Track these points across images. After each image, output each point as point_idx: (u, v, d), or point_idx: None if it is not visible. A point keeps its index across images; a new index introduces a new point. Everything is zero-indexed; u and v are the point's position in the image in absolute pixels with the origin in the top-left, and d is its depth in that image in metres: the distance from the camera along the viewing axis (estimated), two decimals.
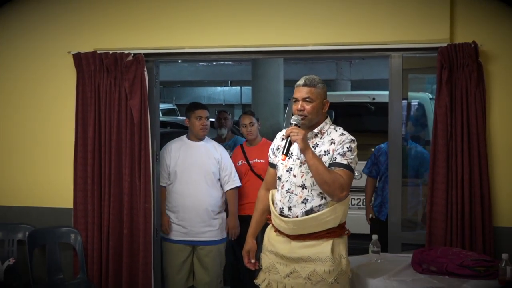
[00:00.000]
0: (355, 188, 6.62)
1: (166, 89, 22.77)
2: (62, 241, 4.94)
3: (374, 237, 4.12)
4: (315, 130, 3.55)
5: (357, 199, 6.99)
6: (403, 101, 4.66)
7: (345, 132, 3.55)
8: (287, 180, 3.54)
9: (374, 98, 7.63)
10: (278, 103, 10.63)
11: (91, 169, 4.85)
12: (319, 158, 3.41)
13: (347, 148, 3.46)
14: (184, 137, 5.20)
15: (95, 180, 4.86)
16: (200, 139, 5.16)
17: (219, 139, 6.41)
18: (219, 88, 22.89)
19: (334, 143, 3.48)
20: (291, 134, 3.38)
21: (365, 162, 6.07)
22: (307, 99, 3.49)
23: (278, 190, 3.61)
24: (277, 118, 10.39)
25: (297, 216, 3.46)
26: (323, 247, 3.46)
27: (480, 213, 4.27)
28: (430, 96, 6.91)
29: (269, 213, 3.69)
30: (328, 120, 3.61)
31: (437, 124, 4.35)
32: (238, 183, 5.24)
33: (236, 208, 5.23)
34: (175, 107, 19.08)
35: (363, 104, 7.77)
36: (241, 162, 5.51)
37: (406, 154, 5.57)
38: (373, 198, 6.06)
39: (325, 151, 3.48)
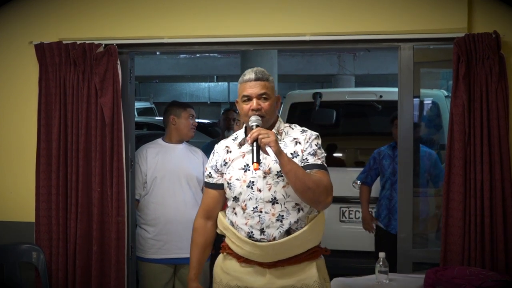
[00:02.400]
0: (357, 199, 6.67)
1: (142, 85, 22.80)
2: (22, 260, 4.92)
3: (381, 254, 4.13)
4: (273, 131, 3.40)
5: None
6: (415, 99, 4.68)
7: (305, 129, 3.48)
8: (250, 198, 3.37)
9: (381, 96, 7.65)
10: None
11: (56, 177, 4.84)
12: (294, 161, 3.28)
13: (316, 145, 3.40)
14: (159, 140, 5.22)
15: (60, 189, 4.85)
16: (181, 141, 5.19)
17: None
18: (203, 84, 22.93)
19: (299, 143, 3.40)
20: (260, 136, 3.19)
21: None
22: (264, 96, 3.38)
23: (236, 213, 3.45)
24: None
25: (274, 238, 3.33)
26: (308, 272, 3.39)
27: (502, 226, 4.29)
28: (446, 93, 6.95)
29: (218, 241, 3.57)
30: (280, 119, 3.54)
31: (453, 125, 4.37)
32: None
33: None
34: (153, 105, 19.09)
35: (368, 102, 7.80)
36: None
37: (418, 160, 5.60)
38: (373, 211, 6.09)
39: (291, 154, 3.37)
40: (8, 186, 5.07)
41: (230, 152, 3.52)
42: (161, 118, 6.05)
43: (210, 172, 3.57)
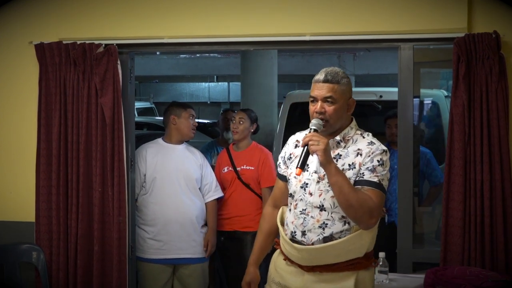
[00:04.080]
0: None
1: (142, 85, 22.75)
2: (22, 260, 4.93)
3: (381, 254, 4.13)
4: (338, 138, 3.32)
5: None
6: (415, 99, 4.68)
7: (375, 141, 3.32)
8: (301, 199, 3.33)
9: (381, 96, 7.64)
10: (271, 101, 10.64)
11: (56, 177, 4.85)
12: (343, 174, 3.17)
13: (378, 161, 3.22)
14: (159, 140, 5.23)
15: (60, 189, 4.85)
16: (181, 141, 5.19)
17: (223, 143, 6.42)
18: (203, 84, 22.88)
19: (361, 155, 3.25)
20: (310, 142, 3.13)
21: None
22: (329, 99, 3.25)
23: (290, 209, 3.41)
24: (270, 119, 10.40)
25: (312, 243, 3.27)
26: (345, 283, 3.27)
27: (502, 226, 4.29)
28: (446, 93, 6.95)
29: (278, 236, 3.50)
30: (353, 124, 3.38)
31: (453, 125, 4.37)
32: (220, 193, 5.30)
33: (216, 222, 5.26)
34: (153, 105, 19.09)
35: (368, 102, 7.79)
36: (227, 168, 5.50)
37: (418, 160, 5.60)
38: None
39: (349, 165, 3.25)
40: (8, 186, 5.07)
41: (298, 147, 3.45)
42: (161, 118, 6.06)
43: (279, 163, 3.54)
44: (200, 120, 12.49)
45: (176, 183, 5.06)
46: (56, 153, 4.84)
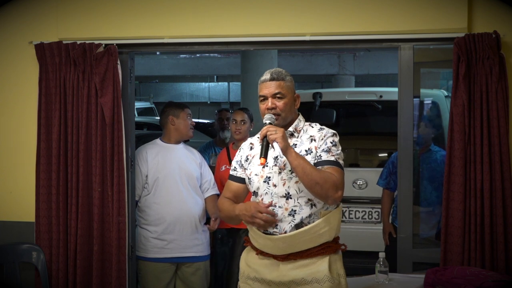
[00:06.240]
0: (360, 199, 6.67)
1: (142, 85, 22.78)
2: (22, 260, 4.93)
3: (381, 254, 4.14)
4: (290, 129, 3.56)
5: (362, 211, 7.01)
6: (415, 99, 4.69)
7: (323, 127, 3.58)
8: (266, 193, 3.49)
9: (381, 96, 7.65)
10: None
11: (56, 177, 4.85)
12: (303, 157, 3.40)
13: (331, 143, 3.47)
14: (157, 140, 5.23)
15: (60, 189, 4.85)
16: (180, 141, 5.21)
17: (221, 143, 6.43)
18: (203, 84, 22.91)
19: (314, 140, 3.50)
20: (268, 133, 3.36)
21: (373, 169, 6.03)
22: (278, 95, 3.50)
23: None
24: None
25: (285, 232, 3.42)
26: (319, 266, 3.44)
27: (502, 226, 4.29)
28: (446, 93, 6.95)
29: (247, 233, 3.65)
30: (301, 117, 3.64)
31: (453, 125, 4.37)
32: (217, 191, 5.33)
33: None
34: (153, 105, 19.09)
35: (369, 102, 7.79)
36: (225, 167, 5.53)
37: (417, 161, 5.59)
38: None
39: (306, 151, 3.48)
40: (8, 186, 5.08)
41: (253, 148, 3.65)
42: None
43: (235, 167, 3.72)
44: (200, 120, 12.51)
45: (179, 182, 5.07)
46: (56, 153, 4.85)
